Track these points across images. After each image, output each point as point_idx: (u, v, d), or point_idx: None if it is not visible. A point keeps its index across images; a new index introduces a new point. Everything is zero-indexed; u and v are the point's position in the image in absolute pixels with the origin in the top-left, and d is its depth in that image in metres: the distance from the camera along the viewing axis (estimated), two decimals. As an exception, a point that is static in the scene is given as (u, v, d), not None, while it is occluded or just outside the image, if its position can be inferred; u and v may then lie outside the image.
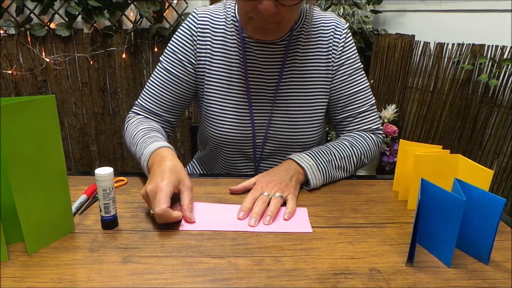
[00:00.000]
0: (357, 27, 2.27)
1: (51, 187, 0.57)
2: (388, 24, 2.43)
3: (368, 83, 0.92)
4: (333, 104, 0.92)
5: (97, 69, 2.03)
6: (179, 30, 0.89)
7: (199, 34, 0.87)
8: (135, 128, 0.85)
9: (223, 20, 0.87)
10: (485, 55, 1.75)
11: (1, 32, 1.71)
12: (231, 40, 0.86)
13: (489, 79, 1.70)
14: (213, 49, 0.87)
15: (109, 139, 2.20)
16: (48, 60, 1.87)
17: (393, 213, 0.71)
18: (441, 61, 1.98)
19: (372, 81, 2.35)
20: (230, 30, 0.86)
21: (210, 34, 0.87)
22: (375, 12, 2.34)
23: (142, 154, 0.76)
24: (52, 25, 1.84)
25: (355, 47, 0.91)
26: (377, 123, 0.93)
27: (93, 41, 1.96)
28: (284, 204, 0.72)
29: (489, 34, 1.77)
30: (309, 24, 0.87)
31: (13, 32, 1.73)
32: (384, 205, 0.74)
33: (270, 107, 0.88)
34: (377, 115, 0.94)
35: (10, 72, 1.78)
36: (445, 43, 1.96)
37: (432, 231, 0.58)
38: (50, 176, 0.57)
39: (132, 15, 2.05)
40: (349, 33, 0.91)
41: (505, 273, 0.55)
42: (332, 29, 0.88)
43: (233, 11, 0.87)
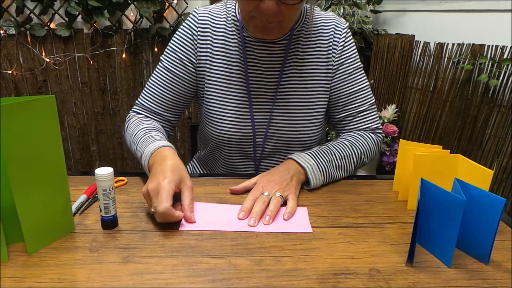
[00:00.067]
0: (357, 27, 2.27)
1: (51, 187, 0.57)
2: (388, 24, 2.43)
3: (368, 83, 0.93)
4: (333, 103, 0.92)
5: (97, 69, 2.03)
6: (180, 29, 0.89)
7: (200, 33, 0.87)
8: (135, 127, 0.85)
9: (223, 19, 0.87)
10: (485, 55, 1.75)
11: (1, 32, 1.71)
12: (232, 39, 0.87)
13: (489, 79, 1.70)
14: (214, 48, 0.87)
15: (109, 139, 2.19)
16: (48, 60, 1.86)
17: (393, 213, 0.71)
18: (441, 61, 1.98)
19: (372, 81, 2.35)
20: (230, 29, 0.87)
21: (210, 33, 0.87)
22: (375, 12, 2.33)
23: (143, 153, 0.76)
24: (52, 25, 1.83)
25: (355, 47, 0.92)
26: (376, 123, 0.93)
27: (93, 41, 1.96)
28: (284, 204, 0.72)
29: (489, 34, 1.77)
30: (309, 23, 0.88)
31: (13, 32, 1.73)
32: (384, 205, 0.74)
33: (270, 106, 0.88)
34: (377, 115, 0.94)
35: (10, 72, 1.78)
36: (445, 43, 1.96)
37: (432, 231, 0.58)
38: (50, 176, 0.57)
39: (132, 15, 2.05)
40: (349, 33, 0.91)
41: (505, 273, 0.55)
42: (332, 29, 0.89)
43: (234, 10, 0.87)
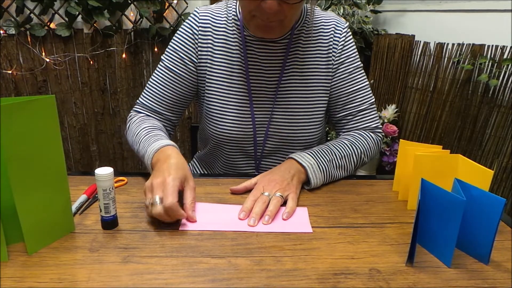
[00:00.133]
0: (357, 27, 2.27)
1: (51, 187, 0.57)
2: (388, 24, 2.43)
3: (367, 82, 0.93)
4: (333, 102, 0.92)
5: (97, 69, 2.03)
6: (181, 29, 0.89)
7: (201, 33, 0.87)
8: (137, 126, 0.86)
9: (224, 19, 0.88)
10: (485, 55, 1.75)
11: (1, 32, 1.71)
12: (232, 38, 0.87)
13: (489, 79, 1.70)
14: (215, 47, 0.87)
15: (109, 139, 2.19)
16: (48, 60, 1.86)
17: (393, 213, 0.71)
18: (441, 61, 1.98)
19: (372, 81, 2.35)
20: (231, 28, 0.87)
21: (211, 32, 0.87)
22: (375, 12, 2.33)
23: (145, 152, 0.76)
24: (52, 25, 1.83)
25: (355, 46, 0.92)
26: (376, 122, 0.93)
27: (93, 41, 1.96)
28: (285, 203, 0.72)
29: (489, 34, 1.77)
30: (310, 23, 0.88)
31: (13, 32, 1.73)
32: (384, 205, 0.74)
33: (271, 105, 0.88)
34: (376, 114, 0.94)
35: (10, 72, 1.78)
36: (445, 43, 1.96)
37: (432, 231, 0.58)
38: (50, 176, 0.57)
39: (132, 15, 2.05)
40: (349, 32, 0.91)
41: (505, 273, 0.55)
42: (332, 28, 0.89)
43: (235, 10, 0.88)
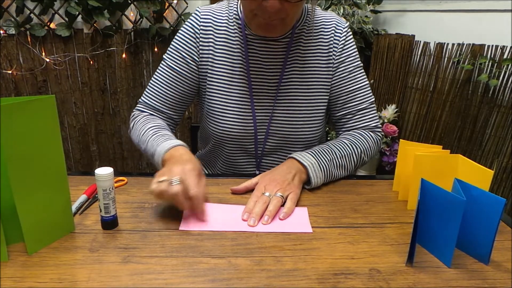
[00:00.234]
0: (357, 27, 2.27)
1: (51, 187, 0.57)
2: (388, 24, 2.43)
3: (367, 82, 0.93)
4: (333, 101, 0.93)
5: (97, 69, 2.03)
6: (182, 28, 0.90)
7: (202, 32, 0.88)
8: (143, 125, 0.86)
9: (225, 18, 0.88)
10: (485, 55, 1.75)
11: (1, 32, 1.71)
12: (234, 37, 0.87)
13: (489, 79, 1.70)
14: (216, 46, 0.88)
15: (109, 139, 2.19)
16: (48, 60, 1.86)
17: (393, 213, 0.71)
18: (441, 61, 1.98)
19: (372, 81, 2.35)
20: (232, 27, 0.88)
21: (212, 31, 0.88)
22: (375, 12, 2.33)
23: (155, 150, 0.77)
24: (52, 25, 1.83)
25: (355, 46, 0.92)
26: (376, 121, 0.94)
27: (93, 41, 1.96)
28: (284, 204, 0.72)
29: (489, 34, 1.77)
30: (310, 22, 0.89)
31: (13, 32, 1.73)
32: (384, 205, 0.74)
33: (271, 104, 0.89)
34: (376, 113, 0.94)
35: (10, 72, 1.78)
36: (445, 43, 1.96)
37: (432, 231, 0.58)
38: (50, 176, 0.57)
39: (132, 15, 2.05)
40: (350, 32, 0.92)
41: (505, 273, 0.55)
42: (333, 28, 0.90)
43: (236, 9, 0.88)
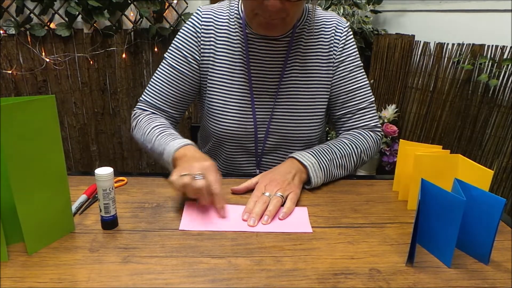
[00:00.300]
0: (357, 27, 2.27)
1: (51, 187, 0.57)
2: (388, 24, 2.43)
3: (367, 81, 0.94)
4: (333, 100, 0.93)
5: (97, 69, 2.02)
6: (184, 27, 0.90)
7: (203, 31, 0.88)
8: (148, 124, 0.87)
9: (226, 17, 0.89)
10: (485, 55, 1.75)
11: (1, 32, 1.71)
12: (234, 36, 0.88)
13: (489, 79, 1.70)
14: (217, 45, 0.88)
15: (109, 139, 2.19)
16: (48, 60, 1.86)
17: (393, 213, 0.71)
18: (441, 61, 1.98)
19: (372, 81, 2.35)
20: (233, 27, 0.88)
21: (213, 31, 0.88)
22: (375, 12, 2.33)
23: (164, 149, 0.77)
24: (52, 25, 1.83)
25: (355, 46, 0.93)
26: (375, 121, 0.94)
27: (93, 41, 1.96)
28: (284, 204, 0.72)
29: (489, 34, 1.77)
30: (311, 22, 0.89)
31: (13, 32, 1.73)
32: (384, 205, 0.74)
33: (272, 102, 0.89)
34: (376, 113, 0.95)
35: (10, 72, 1.78)
36: (445, 43, 1.96)
37: (432, 231, 0.58)
38: (50, 176, 0.57)
39: (132, 15, 2.05)
40: (350, 32, 0.92)
41: (505, 273, 0.55)
42: (333, 27, 0.90)
43: (237, 8, 0.89)
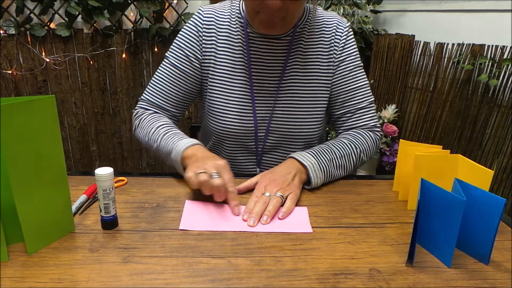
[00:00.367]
0: (357, 27, 2.27)
1: (51, 187, 0.57)
2: (388, 24, 2.43)
3: (367, 81, 0.94)
4: (333, 99, 0.93)
5: (97, 69, 2.02)
6: (185, 27, 0.91)
7: (205, 30, 0.89)
8: (152, 123, 0.87)
9: (227, 17, 0.89)
10: (485, 55, 1.75)
11: (1, 32, 1.71)
12: (235, 35, 0.88)
13: (489, 79, 1.70)
14: (218, 44, 0.89)
15: (109, 139, 2.19)
16: (48, 60, 1.86)
17: (393, 213, 0.71)
18: (441, 61, 1.98)
19: (372, 81, 2.35)
20: (234, 26, 0.88)
21: (215, 30, 0.89)
22: (375, 12, 2.33)
23: (172, 149, 0.78)
24: (52, 25, 1.83)
25: (356, 45, 0.93)
26: (375, 120, 0.94)
27: (93, 41, 1.96)
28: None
29: (489, 34, 1.77)
30: (312, 21, 0.90)
31: (13, 32, 1.73)
32: (384, 205, 0.74)
33: (272, 101, 0.89)
34: (375, 113, 0.95)
35: (10, 72, 1.78)
36: (445, 43, 1.96)
37: (432, 231, 0.58)
38: (50, 176, 0.57)
39: (132, 15, 2.05)
40: (351, 31, 0.93)
41: (505, 273, 0.55)
42: (334, 27, 0.90)
43: (238, 7, 0.89)
